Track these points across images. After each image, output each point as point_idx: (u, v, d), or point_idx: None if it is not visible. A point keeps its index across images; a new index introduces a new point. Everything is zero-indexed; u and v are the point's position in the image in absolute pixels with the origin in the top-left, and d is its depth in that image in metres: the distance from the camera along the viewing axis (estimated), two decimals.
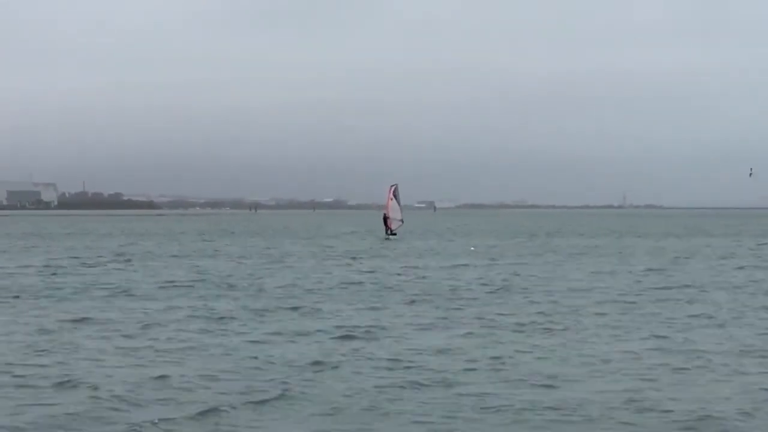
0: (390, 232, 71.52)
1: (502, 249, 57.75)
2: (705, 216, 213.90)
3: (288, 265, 41.53)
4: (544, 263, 42.93)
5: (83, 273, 37.22)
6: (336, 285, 31.05)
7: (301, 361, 16.00)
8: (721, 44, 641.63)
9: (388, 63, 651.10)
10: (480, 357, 16.57)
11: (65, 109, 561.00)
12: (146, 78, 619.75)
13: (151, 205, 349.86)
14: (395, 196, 70.84)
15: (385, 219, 72.08)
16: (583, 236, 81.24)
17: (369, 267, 39.89)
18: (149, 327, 20.52)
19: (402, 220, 72.62)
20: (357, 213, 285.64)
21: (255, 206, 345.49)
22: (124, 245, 64.39)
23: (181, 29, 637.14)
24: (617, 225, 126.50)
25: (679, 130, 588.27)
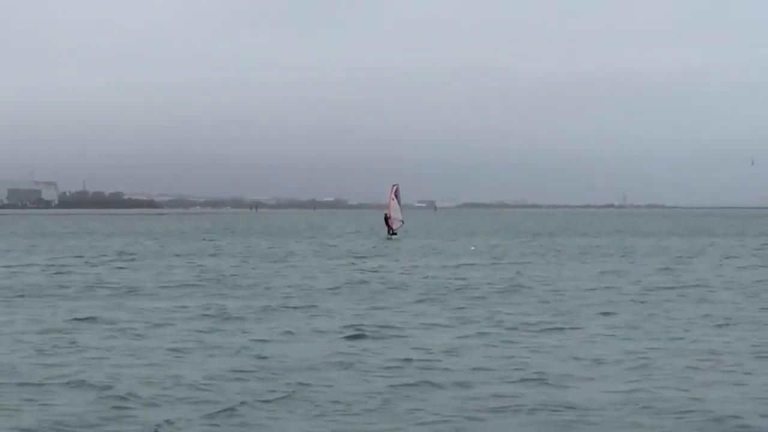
0: (391, 232, 71.36)
1: (506, 248, 57.70)
2: (706, 216, 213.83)
3: (292, 265, 41.49)
4: (550, 263, 42.88)
5: (87, 272, 37.17)
6: (342, 284, 31.00)
7: (313, 361, 15.93)
8: (721, 44, 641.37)
9: (388, 63, 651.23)
10: (492, 356, 16.52)
11: (66, 108, 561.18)
12: (146, 77, 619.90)
13: (152, 204, 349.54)
14: (396, 196, 70.79)
15: (387, 219, 72.01)
16: (586, 236, 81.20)
17: (374, 266, 39.84)
18: (158, 326, 20.46)
19: (403, 221, 72.60)
20: (357, 212, 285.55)
21: (255, 205, 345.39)
22: (127, 244, 64.35)
23: (181, 29, 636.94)
24: (619, 224, 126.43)
25: (679, 130, 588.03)
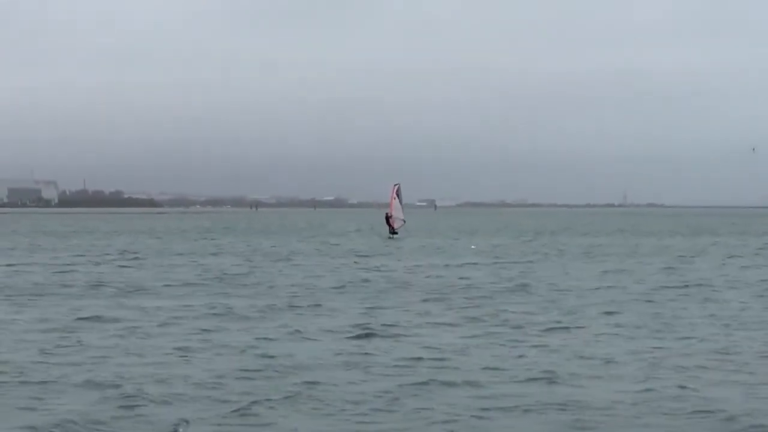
0: (392, 231, 70.87)
1: (508, 248, 57.64)
2: (706, 215, 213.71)
3: (296, 264, 41.43)
4: (553, 262, 42.82)
5: (91, 271, 37.13)
6: (347, 283, 30.94)
7: (322, 360, 15.88)
8: (721, 44, 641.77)
9: (388, 63, 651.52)
10: (500, 355, 16.47)
11: (66, 107, 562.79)
12: (147, 77, 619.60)
13: (152, 203, 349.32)
14: (398, 195, 70.45)
15: (388, 218, 71.56)
16: (588, 235, 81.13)
17: (378, 265, 39.75)
18: (165, 325, 20.40)
19: (404, 220, 72.27)
20: (358, 211, 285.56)
21: (256, 204, 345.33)
22: (129, 243, 64.30)
23: (182, 29, 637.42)
24: (620, 224, 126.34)
25: (679, 130, 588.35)
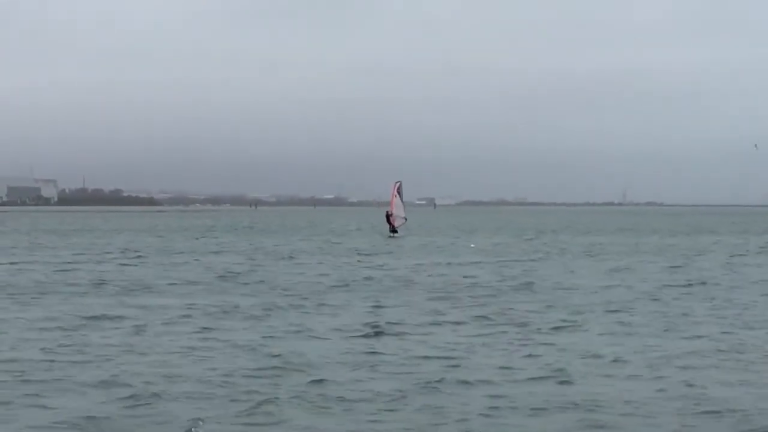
0: (392, 230, 69.94)
1: (510, 247, 57.53)
2: (706, 214, 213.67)
3: (300, 262, 41.35)
4: (557, 260, 42.73)
5: (94, 269, 37.04)
6: (352, 281, 30.87)
7: (333, 358, 15.82)
8: (721, 44, 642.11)
9: (388, 63, 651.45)
10: (510, 354, 16.41)
11: (66, 106, 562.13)
12: (147, 76, 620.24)
13: (152, 202, 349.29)
14: (399, 193, 69.65)
15: (388, 216, 70.82)
16: (590, 233, 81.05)
17: (381, 264, 39.66)
18: (172, 324, 20.32)
19: (405, 218, 71.63)
20: (358, 210, 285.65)
21: (255, 203, 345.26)
22: (131, 241, 64.23)
23: (181, 29, 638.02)
24: (621, 222, 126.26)
25: (679, 129, 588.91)
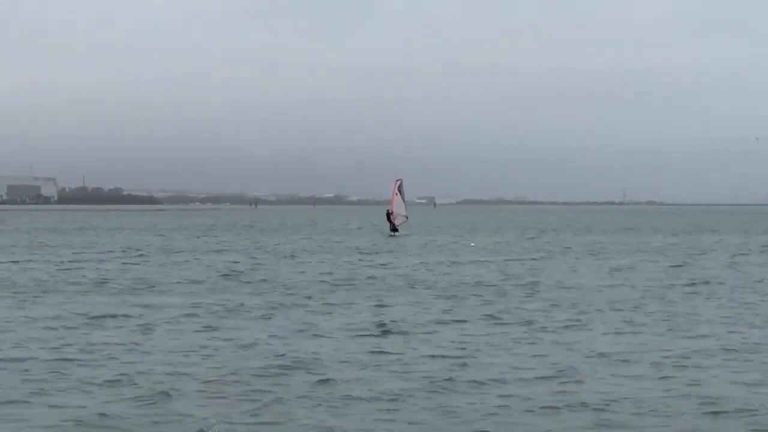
0: (393, 228, 68.95)
1: (513, 245, 57.43)
2: (706, 212, 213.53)
3: (302, 261, 41.27)
4: (560, 259, 42.64)
5: (99, 267, 36.97)
6: (357, 280, 30.81)
7: (343, 357, 15.79)
8: (721, 44, 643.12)
9: (388, 62, 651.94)
10: (519, 353, 16.40)
11: (65, 105, 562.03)
12: (147, 75, 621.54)
13: (152, 200, 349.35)
14: (400, 192, 68.79)
15: (389, 215, 70.04)
16: (591, 232, 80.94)
17: (384, 263, 39.57)
18: (178, 323, 20.26)
19: (407, 216, 70.81)
20: (357, 208, 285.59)
21: (255, 201, 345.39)
22: (133, 240, 64.13)
23: (181, 28, 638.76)
24: (622, 221, 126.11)
25: (679, 128, 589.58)
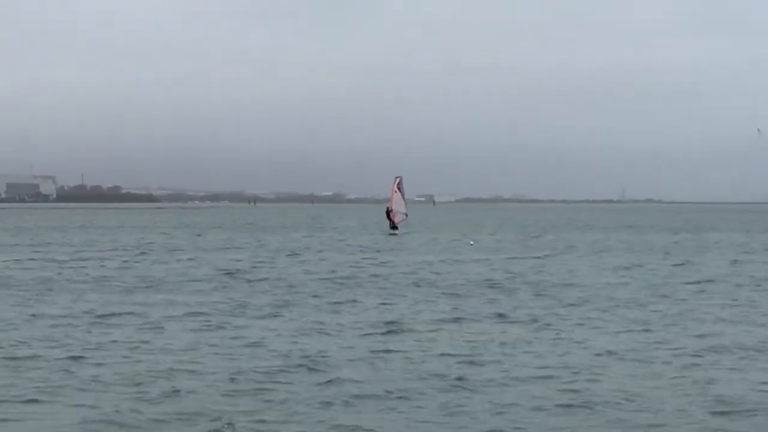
0: (392, 227, 68.40)
1: (514, 244, 57.37)
2: (706, 211, 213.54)
3: (304, 259, 41.21)
4: (565, 258, 42.57)
5: (103, 266, 36.92)
6: (360, 279, 30.75)
7: (352, 356, 15.74)
8: (721, 44, 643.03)
9: (388, 62, 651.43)
10: (529, 351, 16.35)
11: (65, 103, 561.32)
12: (146, 74, 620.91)
13: (151, 198, 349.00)
14: (399, 189, 68.17)
15: (388, 213, 69.43)
16: (593, 231, 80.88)
17: (387, 261, 39.48)
18: (185, 321, 20.20)
19: (406, 214, 70.23)
20: (356, 207, 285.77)
21: (254, 200, 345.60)
22: (134, 238, 64.05)
23: (181, 28, 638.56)
24: (622, 219, 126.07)
25: (678, 127, 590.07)
